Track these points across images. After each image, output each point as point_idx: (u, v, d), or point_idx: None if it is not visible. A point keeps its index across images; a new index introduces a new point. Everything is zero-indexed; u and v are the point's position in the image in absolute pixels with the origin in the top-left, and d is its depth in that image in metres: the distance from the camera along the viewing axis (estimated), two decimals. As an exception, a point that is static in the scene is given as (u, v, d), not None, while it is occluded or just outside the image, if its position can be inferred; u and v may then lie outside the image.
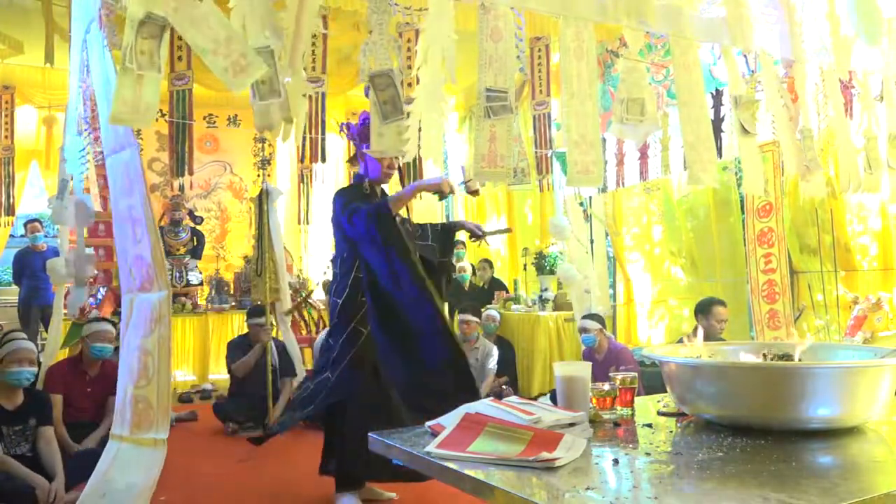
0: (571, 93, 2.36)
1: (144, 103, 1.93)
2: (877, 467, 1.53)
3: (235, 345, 5.74)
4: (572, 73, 2.36)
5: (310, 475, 3.75)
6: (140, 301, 2.91)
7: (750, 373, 1.79)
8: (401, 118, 2.16)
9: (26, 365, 3.65)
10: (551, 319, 6.76)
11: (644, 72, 2.51)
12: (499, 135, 2.21)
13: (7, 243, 8.93)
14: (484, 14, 2.22)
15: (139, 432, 2.82)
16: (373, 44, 2.18)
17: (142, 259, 2.88)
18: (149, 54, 1.91)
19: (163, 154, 8.87)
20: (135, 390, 2.85)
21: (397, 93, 2.16)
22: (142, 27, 1.89)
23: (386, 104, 2.15)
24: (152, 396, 2.81)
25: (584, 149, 2.35)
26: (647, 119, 2.43)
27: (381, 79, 2.16)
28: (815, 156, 2.82)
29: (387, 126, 2.15)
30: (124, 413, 2.88)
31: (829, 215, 5.54)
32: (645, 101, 2.43)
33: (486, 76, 2.22)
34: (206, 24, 1.93)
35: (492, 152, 2.21)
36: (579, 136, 2.35)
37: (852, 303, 5.13)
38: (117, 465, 2.82)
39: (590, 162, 2.35)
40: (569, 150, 2.35)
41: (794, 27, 2.77)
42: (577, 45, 2.36)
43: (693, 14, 2.61)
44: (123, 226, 2.98)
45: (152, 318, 2.83)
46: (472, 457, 1.51)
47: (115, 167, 2.99)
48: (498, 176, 2.26)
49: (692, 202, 7.02)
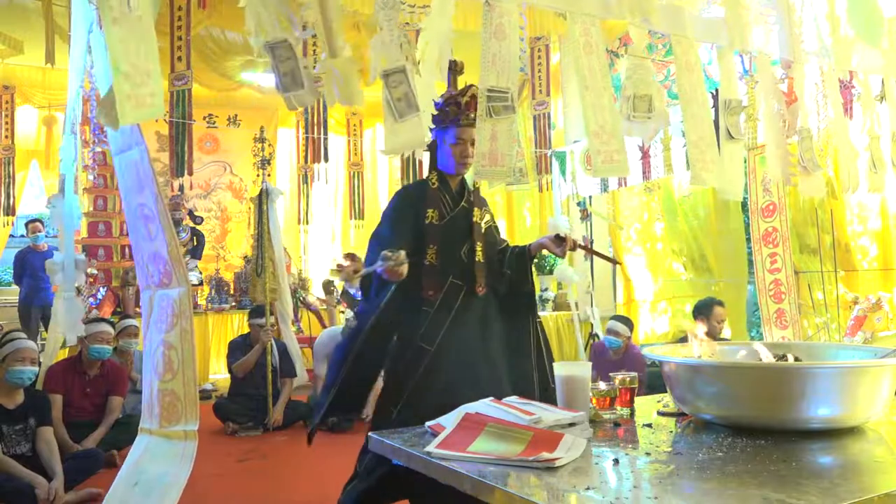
0: (585, 86, 2.35)
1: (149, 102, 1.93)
2: (877, 467, 1.53)
3: (236, 345, 5.74)
4: (584, 67, 2.35)
5: (310, 475, 3.75)
6: (160, 297, 2.95)
7: (750, 373, 1.79)
8: (416, 114, 2.12)
9: (28, 364, 3.65)
10: (551, 319, 6.77)
11: (650, 68, 2.50)
12: (500, 134, 2.21)
13: (7, 243, 8.93)
14: (489, 11, 2.21)
15: (168, 425, 2.86)
16: (382, 41, 2.13)
17: (158, 255, 2.91)
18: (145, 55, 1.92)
19: (162, 154, 8.86)
20: (161, 384, 2.89)
21: (411, 89, 2.11)
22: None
23: (400, 101, 2.10)
24: (179, 389, 2.84)
25: (605, 139, 2.34)
26: (656, 115, 2.42)
27: (395, 76, 2.10)
28: (814, 156, 2.81)
29: (401, 124, 2.11)
30: (152, 408, 2.92)
31: (829, 215, 5.55)
32: (653, 98, 2.42)
33: (489, 75, 2.20)
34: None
35: (493, 151, 2.20)
36: (598, 128, 2.34)
37: (852, 303, 5.14)
38: (148, 457, 2.87)
39: (613, 151, 2.34)
40: (590, 142, 2.35)
41: (792, 27, 2.76)
42: (586, 39, 2.36)
43: (693, 14, 2.61)
44: (136, 224, 3.00)
45: (174, 313, 2.88)
46: (472, 457, 1.51)
47: (123, 166, 3.00)
48: (499, 175, 2.25)
49: (693, 202, 7.03)
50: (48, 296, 6.82)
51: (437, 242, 2.67)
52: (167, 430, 2.85)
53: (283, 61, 2.00)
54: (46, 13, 5.73)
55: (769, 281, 5.31)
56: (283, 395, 5.52)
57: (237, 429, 5.34)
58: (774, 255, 5.31)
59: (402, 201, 2.78)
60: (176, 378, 2.84)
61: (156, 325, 2.95)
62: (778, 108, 2.74)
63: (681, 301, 7.36)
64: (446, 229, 2.70)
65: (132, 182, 2.97)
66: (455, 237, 2.72)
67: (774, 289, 5.29)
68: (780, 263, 5.29)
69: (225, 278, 8.46)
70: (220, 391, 6.74)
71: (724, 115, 2.62)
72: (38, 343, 5.23)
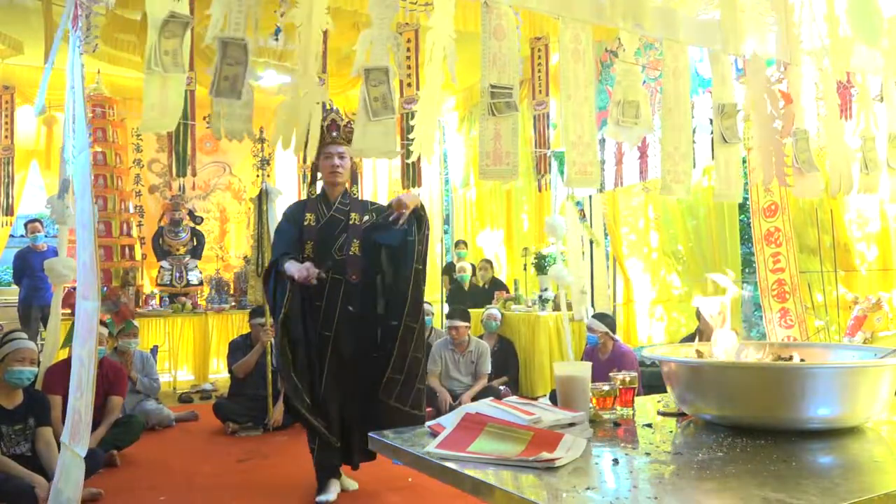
0: (568, 95, 2.36)
1: (171, 104, 1.89)
2: (877, 467, 1.53)
3: (237, 345, 5.74)
4: (570, 75, 2.36)
5: (310, 475, 3.75)
6: (82, 308, 2.92)
7: (750, 373, 1.79)
8: (390, 117, 2.08)
9: (27, 364, 3.65)
10: (551, 319, 6.76)
11: (639, 74, 2.52)
12: (503, 132, 2.19)
13: (7, 243, 8.93)
14: (487, 13, 2.20)
15: (72, 443, 2.82)
16: (371, 37, 2.08)
17: (84, 265, 2.87)
18: (172, 54, 1.86)
19: (162, 155, 8.87)
20: (73, 400, 2.89)
21: (389, 91, 2.07)
22: (165, 27, 1.84)
23: (377, 101, 2.06)
24: (82, 409, 2.79)
25: (581, 150, 2.35)
26: (641, 122, 2.44)
27: (376, 73, 2.06)
28: (810, 157, 2.80)
29: (373, 124, 2.07)
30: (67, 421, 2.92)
31: (828, 216, 5.55)
32: (640, 105, 2.43)
33: (490, 74, 2.20)
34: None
35: (497, 150, 2.19)
36: (576, 138, 2.35)
37: (852, 303, 5.13)
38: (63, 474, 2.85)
39: (587, 163, 2.36)
40: (567, 151, 2.35)
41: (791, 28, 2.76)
42: (575, 46, 2.36)
43: (687, 17, 2.60)
44: (77, 228, 3.00)
45: (87, 328, 2.83)
46: (472, 457, 1.51)
47: (77, 169, 3.00)
48: (503, 174, 2.23)
49: (692, 202, 7.03)
50: (48, 296, 6.82)
51: (314, 240, 3.50)
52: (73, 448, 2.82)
53: (231, 64, 1.90)
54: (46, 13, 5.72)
55: (772, 281, 5.30)
56: (282, 395, 5.51)
57: (237, 429, 5.34)
58: (777, 254, 5.30)
59: (288, 211, 3.68)
60: (83, 397, 2.77)
61: (77, 337, 2.92)
62: (770, 109, 2.73)
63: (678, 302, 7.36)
64: (321, 230, 3.52)
65: (79, 186, 2.97)
66: (329, 236, 3.51)
67: (778, 288, 5.28)
68: (784, 263, 5.28)
69: (225, 278, 8.46)
70: (220, 391, 6.74)
71: (719, 119, 2.62)
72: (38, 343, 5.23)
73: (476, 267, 8.34)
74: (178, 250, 7.97)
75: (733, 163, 2.70)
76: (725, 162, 2.66)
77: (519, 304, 7.30)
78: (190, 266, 7.99)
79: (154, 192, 9.04)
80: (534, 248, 7.79)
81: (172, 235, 7.98)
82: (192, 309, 7.65)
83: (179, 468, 4.44)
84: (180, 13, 1.85)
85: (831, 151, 2.95)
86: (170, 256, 7.91)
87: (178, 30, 1.86)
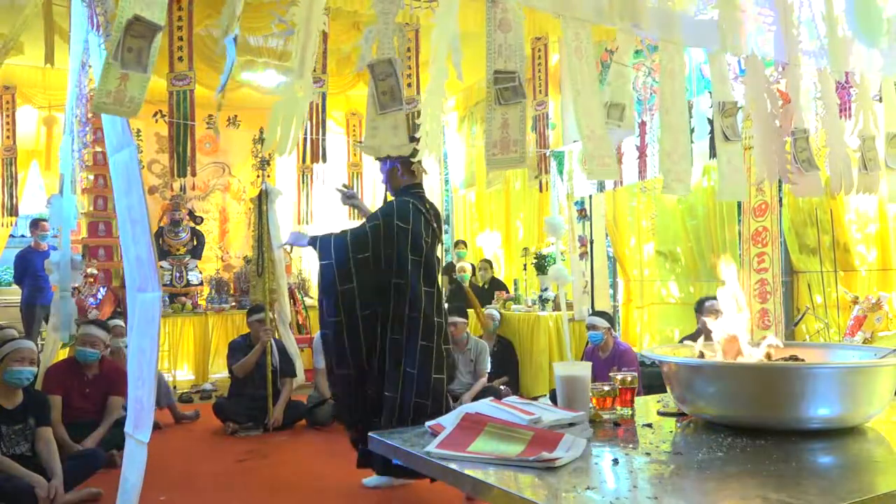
0: (577, 91, 2.35)
1: (128, 98, 1.86)
2: (877, 467, 1.53)
3: (237, 345, 5.74)
4: (575, 71, 2.35)
5: (310, 475, 3.75)
6: (140, 301, 2.95)
7: (750, 373, 1.79)
8: (398, 109, 2.07)
9: (27, 364, 3.65)
10: (551, 319, 6.76)
11: (629, 77, 2.52)
12: (511, 121, 2.17)
13: (7, 243, 8.92)
14: (492, 7, 2.19)
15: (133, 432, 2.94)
16: (376, 32, 2.07)
17: (140, 259, 2.92)
18: (136, 52, 1.84)
19: (162, 156, 8.86)
20: (133, 391, 2.95)
21: (398, 83, 2.05)
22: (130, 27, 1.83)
23: (385, 94, 2.04)
24: (145, 398, 2.89)
25: (596, 142, 2.34)
26: (625, 125, 2.44)
27: (382, 67, 2.04)
28: (810, 157, 2.80)
29: (382, 118, 2.05)
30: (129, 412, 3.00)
31: (828, 215, 5.54)
32: (625, 107, 2.44)
33: (497, 62, 2.17)
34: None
35: (505, 138, 2.16)
36: (590, 132, 2.34)
37: (852, 303, 5.13)
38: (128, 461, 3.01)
39: (604, 154, 2.35)
40: (584, 145, 2.35)
41: (790, 28, 2.75)
42: (577, 44, 2.36)
43: (685, 17, 2.59)
44: (125, 225, 3.02)
45: (147, 319, 2.88)
46: (472, 457, 1.51)
47: (115, 167, 3.02)
48: (511, 163, 2.20)
49: (691, 201, 7.02)
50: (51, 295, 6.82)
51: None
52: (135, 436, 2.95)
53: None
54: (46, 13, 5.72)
55: (755, 280, 5.28)
56: (283, 395, 5.52)
57: (237, 429, 5.34)
58: (763, 254, 5.27)
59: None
60: (144, 386, 2.87)
61: (136, 328, 2.99)
62: (770, 108, 2.73)
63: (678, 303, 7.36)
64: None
65: (121, 183, 2.99)
66: None
67: (759, 288, 5.26)
68: (768, 263, 5.26)
69: (225, 278, 8.46)
70: (220, 391, 6.74)
71: (719, 118, 2.62)
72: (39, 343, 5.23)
73: (476, 267, 8.34)
74: (178, 250, 7.97)
75: (736, 161, 2.70)
76: (728, 160, 2.66)
77: (519, 304, 7.30)
78: (190, 266, 7.99)
79: (154, 192, 9.03)
80: (534, 249, 7.78)
81: (172, 235, 7.98)
82: (193, 309, 7.65)
83: (179, 468, 4.44)
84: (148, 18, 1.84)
85: (831, 151, 2.95)
86: (170, 256, 7.91)
87: (146, 32, 1.85)
